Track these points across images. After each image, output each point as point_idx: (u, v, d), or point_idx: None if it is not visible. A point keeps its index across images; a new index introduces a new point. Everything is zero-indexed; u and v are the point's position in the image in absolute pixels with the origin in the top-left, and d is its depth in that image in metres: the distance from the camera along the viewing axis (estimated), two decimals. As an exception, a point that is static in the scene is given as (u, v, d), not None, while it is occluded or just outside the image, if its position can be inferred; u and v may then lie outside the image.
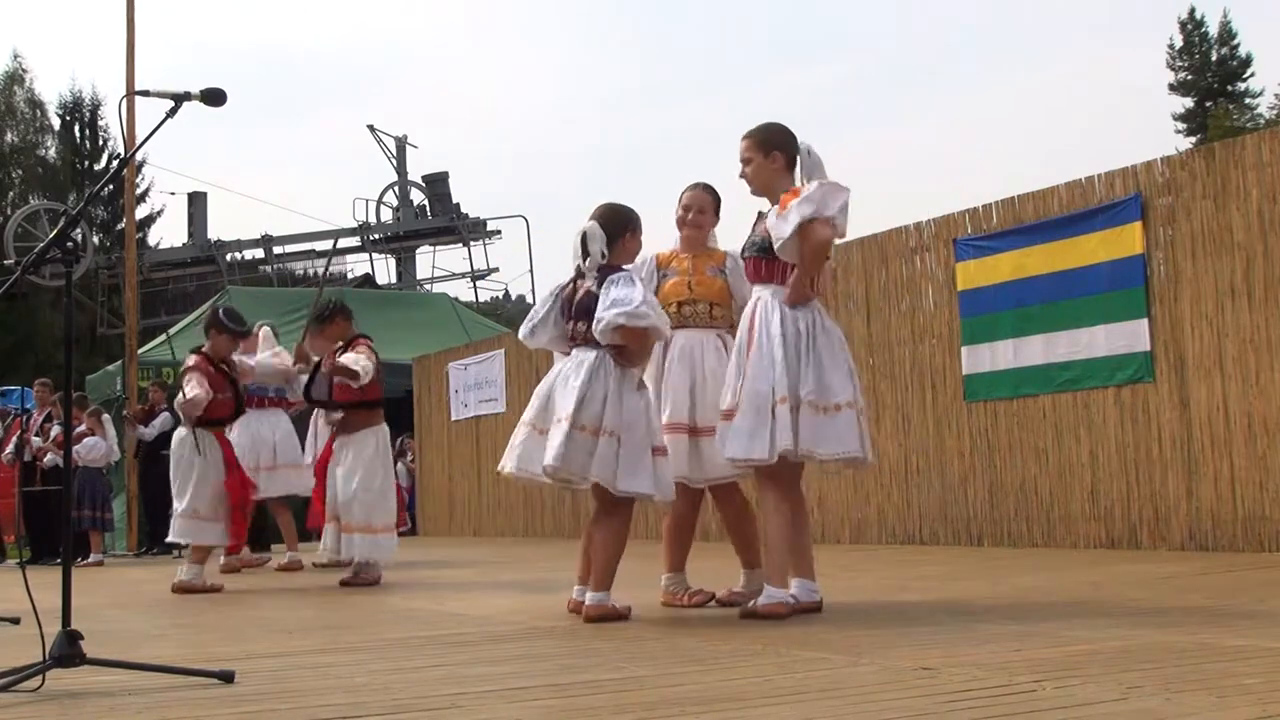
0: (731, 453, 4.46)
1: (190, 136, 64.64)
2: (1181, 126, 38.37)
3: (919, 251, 8.96)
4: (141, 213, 33.98)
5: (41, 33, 63.62)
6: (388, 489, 7.10)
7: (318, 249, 28.89)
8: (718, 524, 7.38)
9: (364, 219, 27.78)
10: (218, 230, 27.86)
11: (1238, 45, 38.69)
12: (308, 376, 7.40)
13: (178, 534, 7.23)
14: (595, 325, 4.44)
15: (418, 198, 28.71)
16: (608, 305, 4.44)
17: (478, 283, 28.00)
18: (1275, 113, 36.31)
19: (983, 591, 5.31)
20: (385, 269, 28.62)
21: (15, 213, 26.66)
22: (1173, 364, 7.31)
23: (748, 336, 4.51)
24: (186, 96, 3.56)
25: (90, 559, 11.28)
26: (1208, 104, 37.70)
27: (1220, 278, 7.06)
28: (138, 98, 7.30)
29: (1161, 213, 7.41)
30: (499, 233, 28.63)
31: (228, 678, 3.24)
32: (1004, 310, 8.25)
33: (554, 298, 4.75)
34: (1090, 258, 7.70)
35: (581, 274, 4.65)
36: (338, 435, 7.15)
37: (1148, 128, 63.90)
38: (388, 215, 28.40)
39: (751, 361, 4.45)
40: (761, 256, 4.57)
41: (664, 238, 5.28)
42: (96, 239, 30.00)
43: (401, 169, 28.89)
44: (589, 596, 4.55)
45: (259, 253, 27.90)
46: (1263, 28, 64.14)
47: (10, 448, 11.93)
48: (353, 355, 6.96)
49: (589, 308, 4.51)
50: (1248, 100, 38.11)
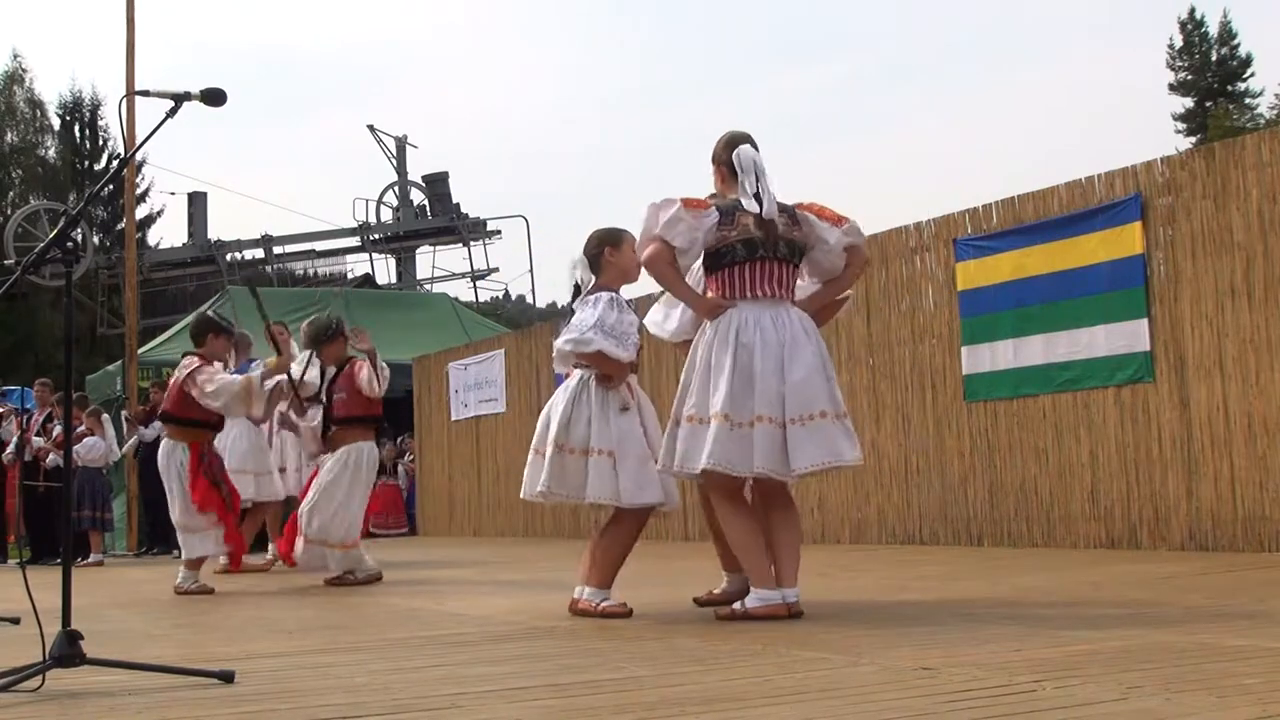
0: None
1: (190, 136, 64.76)
2: (1181, 126, 38.41)
3: (919, 251, 8.95)
4: (141, 213, 33.98)
5: (41, 33, 63.76)
6: (350, 503, 7.01)
7: (318, 249, 28.89)
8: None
9: (364, 219, 27.76)
10: (218, 230, 27.84)
11: (1238, 45, 38.74)
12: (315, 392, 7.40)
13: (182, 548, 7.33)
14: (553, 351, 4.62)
15: (418, 198, 28.66)
16: (562, 331, 4.61)
17: (478, 283, 27.97)
18: (1275, 113, 36.33)
19: (983, 591, 5.31)
20: (385, 269, 28.61)
21: (15, 213, 26.64)
22: (1173, 364, 7.30)
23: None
24: (186, 96, 3.57)
25: (90, 559, 11.29)
26: (1208, 104, 37.71)
27: (1220, 278, 7.06)
28: (138, 98, 7.31)
29: (1161, 213, 7.41)
30: (499, 233, 28.60)
31: (228, 678, 3.24)
32: (1004, 310, 8.24)
33: (565, 321, 4.91)
34: (1090, 258, 7.70)
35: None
36: (331, 451, 7.14)
37: (1148, 128, 64.06)
38: (388, 215, 28.35)
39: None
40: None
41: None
42: (96, 239, 29.99)
43: (401, 169, 28.84)
44: (586, 592, 4.63)
45: (259, 252, 27.87)
46: (1263, 28, 64.26)
47: (11, 447, 11.92)
48: (368, 375, 6.99)
49: None
50: (1248, 100, 38.15)
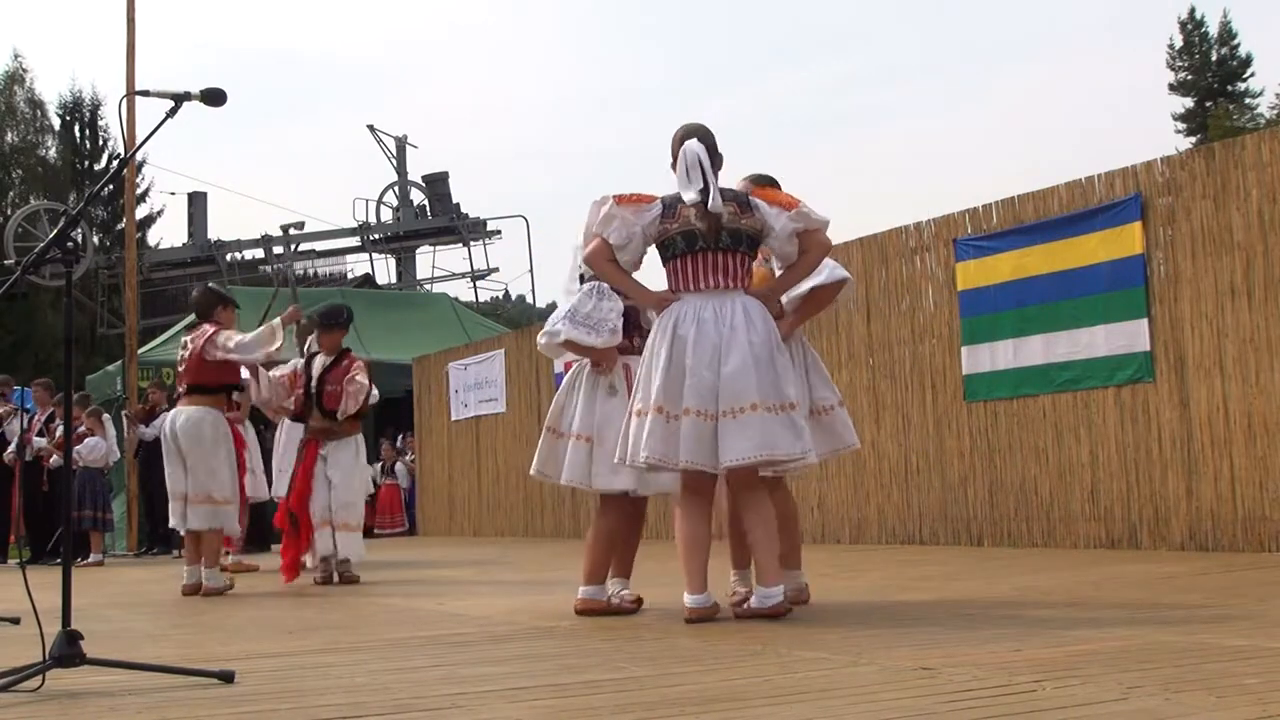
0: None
1: (190, 136, 64.75)
2: (1181, 126, 38.41)
3: (919, 251, 8.96)
4: (141, 213, 33.95)
5: (41, 33, 63.71)
6: (363, 492, 7.80)
7: (318, 249, 28.86)
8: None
9: (364, 219, 27.75)
10: (217, 230, 27.81)
11: (1238, 45, 38.75)
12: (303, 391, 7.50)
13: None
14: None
15: (418, 198, 28.63)
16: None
17: (478, 283, 27.93)
18: (1275, 113, 36.33)
19: (982, 591, 5.31)
20: (385, 269, 28.58)
21: (15, 213, 26.62)
22: (1173, 364, 7.30)
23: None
24: (186, 96, 3.57)
25: (90, 559, 11.29)
26: (1208, 104, 37.72)
27: (1220, 278, 7.05)
28: (138, 98, 7.30)
29: (1161, 213, 7.41)
30: (499, 233, 28.58)
31: (228, 678, 3.24)
32: (1004, 310, 8.24)
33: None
34: (1090, 258, 7.70)
35: None
36: (324, 442, 7.39)
37: (1148, 128, 63.97)
38: (388, 215, 28.34)
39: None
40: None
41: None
42: (96, 239, 29.97)
43: (401, 169, 28.81)
44: (580, 591, 4.71)
45: (259, 253, 27.85)
46: (1263, 28, 64.20)
47: (12, 447, 11.92)
48: (361, 381, 7.36)
49: None
50: (1248, 100, 38.16)
